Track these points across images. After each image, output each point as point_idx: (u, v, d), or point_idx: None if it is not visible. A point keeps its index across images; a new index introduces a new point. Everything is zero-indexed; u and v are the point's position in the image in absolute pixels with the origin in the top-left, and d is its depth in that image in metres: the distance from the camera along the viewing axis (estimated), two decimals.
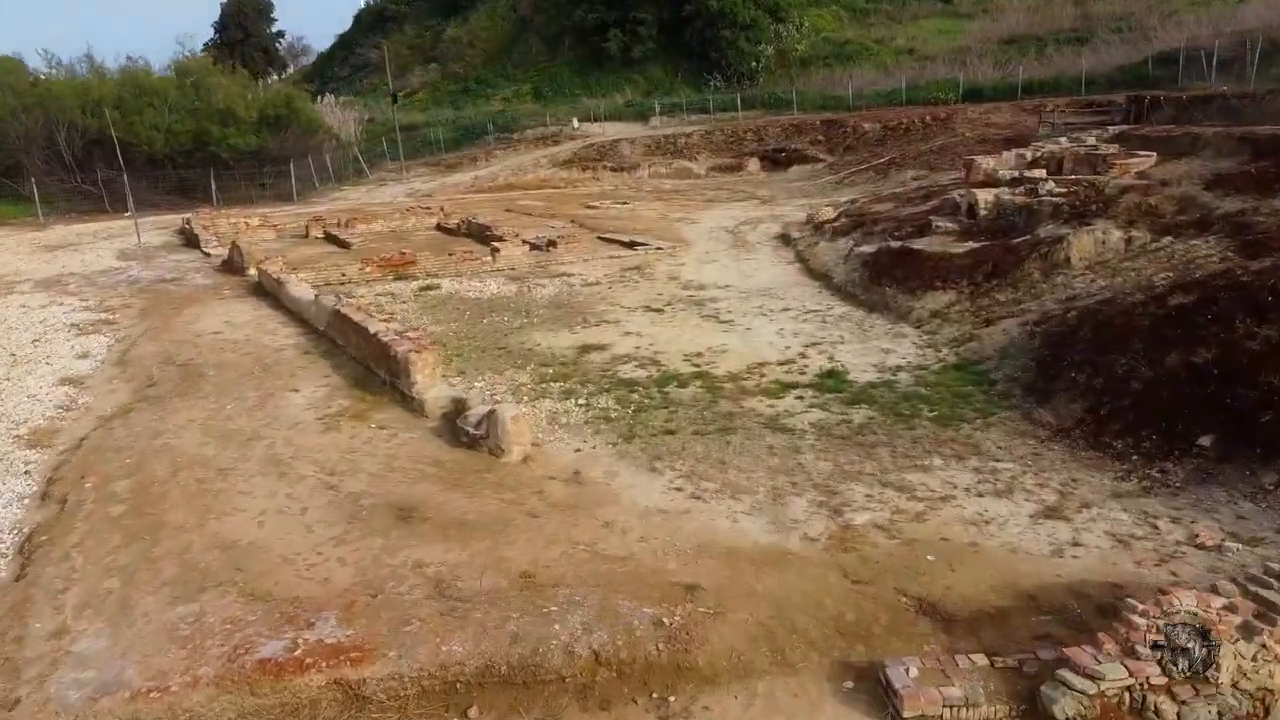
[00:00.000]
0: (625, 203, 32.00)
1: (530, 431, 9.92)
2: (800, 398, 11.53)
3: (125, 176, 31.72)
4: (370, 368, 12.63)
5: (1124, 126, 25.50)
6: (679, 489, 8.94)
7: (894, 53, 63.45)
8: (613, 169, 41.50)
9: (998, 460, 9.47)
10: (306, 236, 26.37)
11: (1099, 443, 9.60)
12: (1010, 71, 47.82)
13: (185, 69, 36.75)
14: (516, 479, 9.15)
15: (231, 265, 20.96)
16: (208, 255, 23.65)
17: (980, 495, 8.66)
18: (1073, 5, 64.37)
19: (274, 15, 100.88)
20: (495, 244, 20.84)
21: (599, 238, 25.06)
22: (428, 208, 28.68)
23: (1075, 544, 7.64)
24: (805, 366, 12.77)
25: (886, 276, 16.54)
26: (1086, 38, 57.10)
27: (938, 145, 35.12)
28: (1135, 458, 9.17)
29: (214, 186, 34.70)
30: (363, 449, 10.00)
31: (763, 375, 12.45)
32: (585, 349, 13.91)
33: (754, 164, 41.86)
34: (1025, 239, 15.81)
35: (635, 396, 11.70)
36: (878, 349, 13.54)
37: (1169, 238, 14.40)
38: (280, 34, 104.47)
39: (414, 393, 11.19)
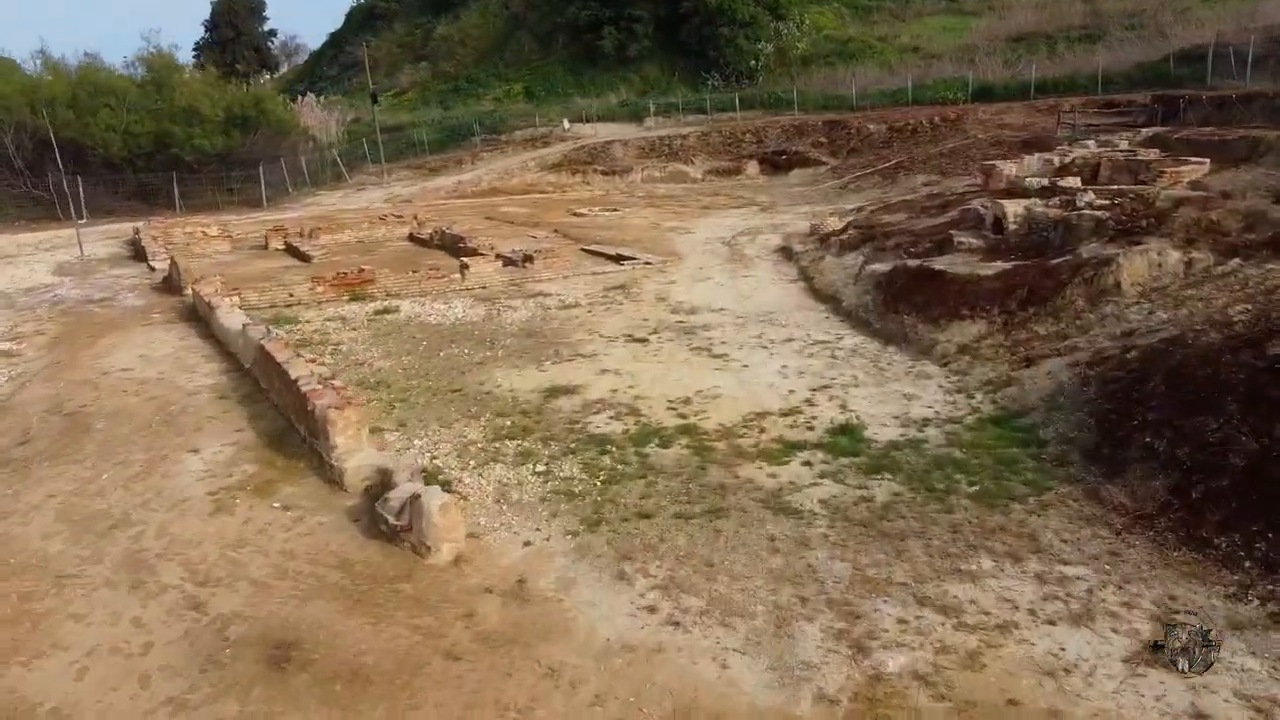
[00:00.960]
0: (615, 210, 29.88)
1: (466, 521, 7.78)
2: (808, 463, 9.39)
3: (79, 181, 29.62)
4: (292, 421, 10.49)
5: (1158, 129, 23.40)
6: (652, 608, 6.82)
7: (898, 51, 61.42)
8: (604, 172, 39.38)
9: (1065, 562, 7.35)
10: (266, 248, 24.26)
11: (1194, 537, 7.47)
12: (1021, 70, 45.72)
13: (150, 66, 34.62)
14: (441, 592, 7.02)
15: (170, 284, 18.83)
16: (152, 270, 21.52)
17: (1051, 622, 6.53)
18: (1082, 2, 62.29)
19: (265, 14, 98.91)
20: (466, 260, 18.70)
21: (583, 250, 22.97)
22: (400, 216, 26.56)
23: (1197, 717, 5.50)
24: (813, 418, 10.63)
25: (904, 301, 14.41)
26: (1098, 35, 55.11)
27: (949, 148, 33.01)
28: (1249, 564, 7.04)
29: (176, 191, 32.54)
30: (254, 541, 7.87)
31: (762, 430, 10.32)
32: (553, 392, 11.77)
33: (753, 167, 39.77)
34: (1065, 259, 13.68)
35: (606, 460, 9.56)
36: (898, 394, 11.40)
37: (1237, 260, 12.28)
38: (272, 33, 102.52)
39: (332, 459, 9.06)
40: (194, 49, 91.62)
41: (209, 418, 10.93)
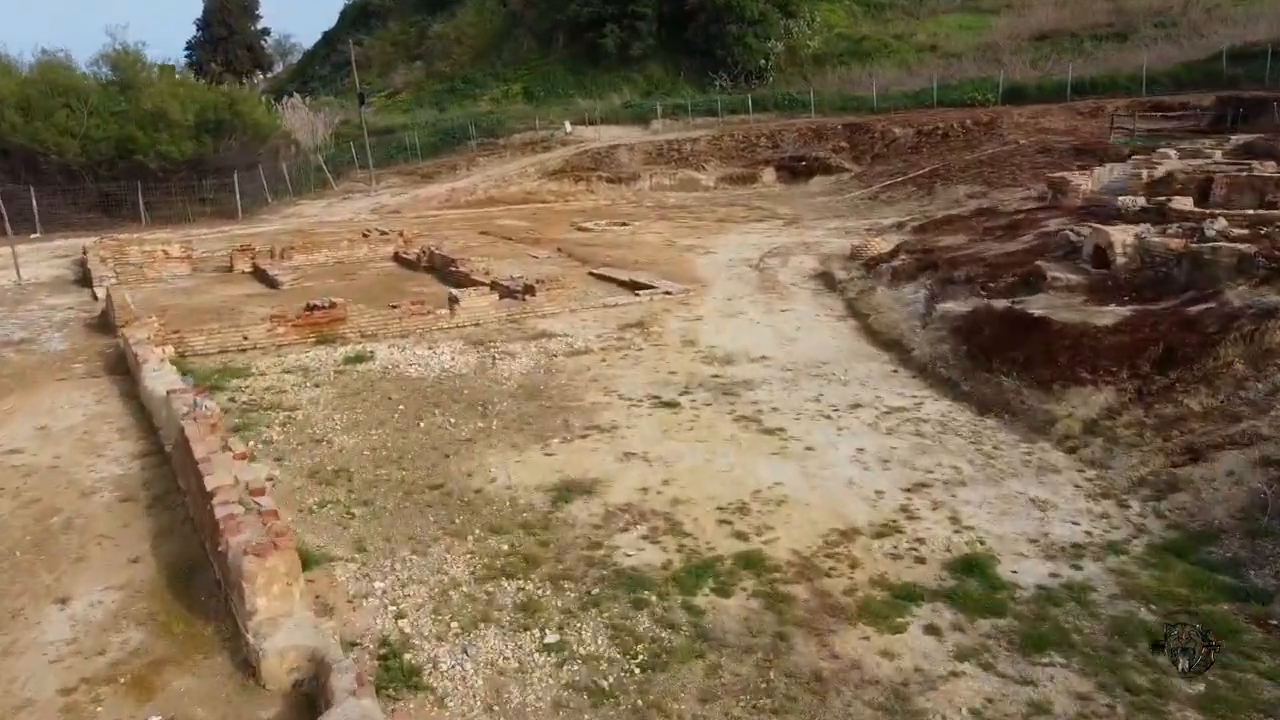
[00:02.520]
0: (624, 223, 27.04)
1: None
2: (933, 629, 6.57)
3: (32, 191, 26.77)
4: (207, 549, 7.64)
5: (1245, 135, 20.53)
6: None
7: (915, 50, 58.64)
8: (609, 180, 36.54)
9: None
10: (231, 270, 21.37)
11: None
12: (1052, 70, 42.94)
13: (115, 64, 31.72)
14: None
15: (107, 320, 15.96)
16: (95, 299, 18.65)
17: None
18: (1105, 0, 59.54)
19: (259, 12, 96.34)
20: (456, 292, 15.84)
21: (590, 273, 20.15)
22: (385, 233, 23.69)
23: None
24: (919, 540, 7.81)
25: (997, 356, 11.57)
26: (1127, 34, 52.44)
27: (987, 154, 30.18)
28: None
29: (142, 202, 29.63)
30: None
31: (854, 563, 7.48)
32: (564, 492, 8.93)
33: (769, 174, 36.97)
34: (1207, 306, 10.85)
35: (644, 621, 6.74)
36: (1023, 499, 8.56)
37: None
38: (265, 31, 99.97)
39: (248, 632, 6.20)
40: (186, 48, 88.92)
41: (99, 538, 8.06)
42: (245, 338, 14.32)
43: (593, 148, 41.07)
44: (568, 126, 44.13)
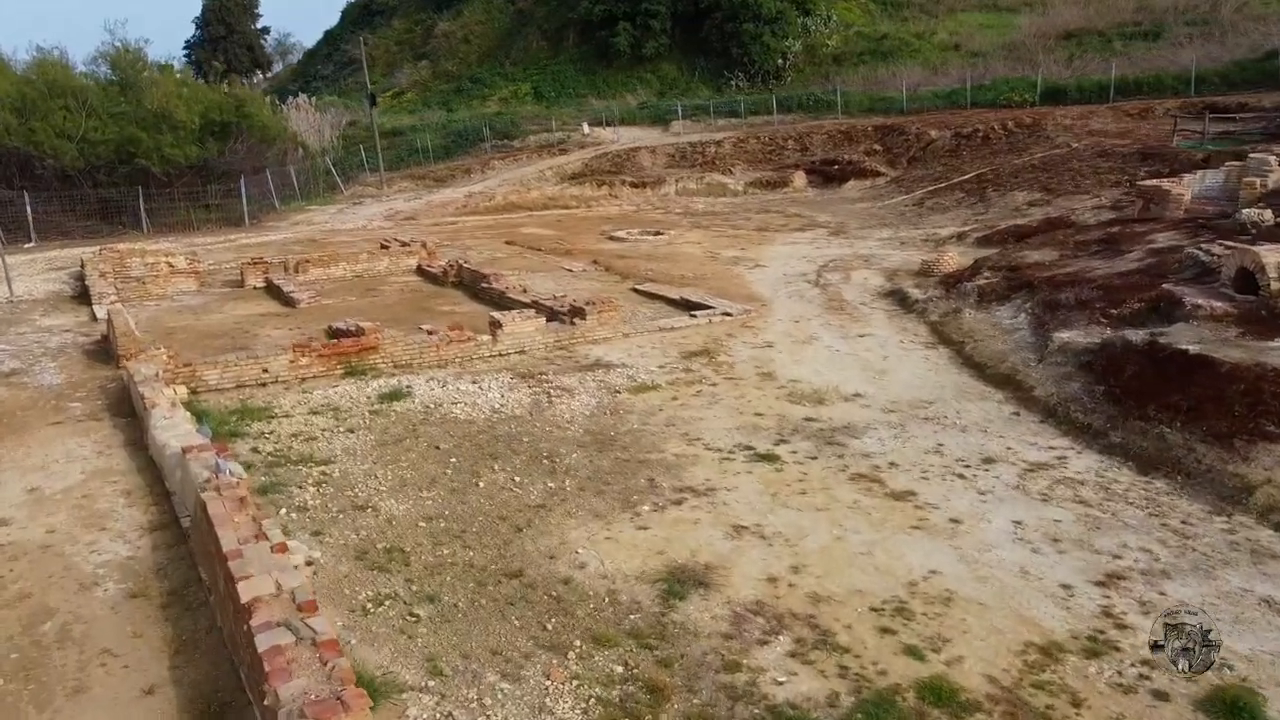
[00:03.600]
0: (659, 233, 25.37)
1: None
2: None
3: (26, 197, 25.08)
4: (241, 677, 5.97)
5: None
6: None
7: (938, 49, 57.04)
8: (633, 184, 34.85)
9: None
10: (242, 285, 19.68)
11: None
12: (1086, 69, 41.34)
13: (115, 63, 30.00)
14: None
15: (109, 346, 14.27)
16: (95, 320, 16.96)
17: None
18: None
19: (258, 10, 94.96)
20: (498, 316, 14.16)
21: (634, 290, 18.51)
22: (406, 244, 22.01)
23: None
24: (1146, 664, 6.14)
25: (1151, 401, 9.91)
26: (1159, 32, 50.91)
27: (1037, 158, 28.53)
28: None
29: (143, 209, 27.89)
30: None
31: (1075, 700, 5.83)
32: (674, 584, 7.26)
33: (799, 178, 35.29)
34: None
35: None
36: (1253, 601, 6.90)
37: None
38: (265, 30, 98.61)
39: None
40: (184, 47, 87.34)
41: (103, 655, 6.39)
42: (265, 371, 12.64)
43: (612, 150, 39.43)
44: (586, 128, 42.47)
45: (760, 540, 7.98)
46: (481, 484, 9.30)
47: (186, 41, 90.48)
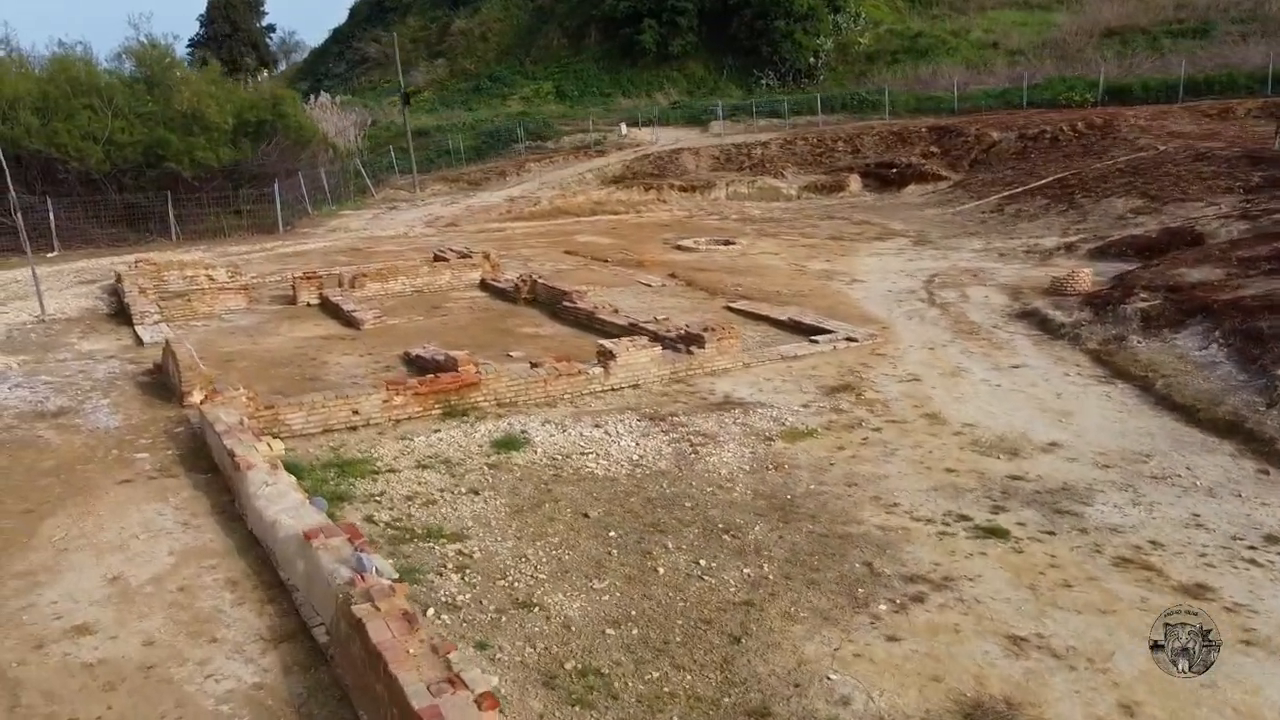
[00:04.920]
0: (728, 242, 23.68)
1: None
2: None
3: (49, 203, 23.36)
4: None
5: None
6: None
7: (975, 46, 55.43)
8: (681, 188, 33.15)
9: None
10: (294, 303, 17.96)
11: None
12: (1144, 68, 39.69)
13: (140, 60, 28.26)
14: None
15: (166, 378, 12.56)
16: (140, 342, 15.26)
17: None
18: None
19: (264, 9, 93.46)
20: (608, 345, 12.44)
21: (728, 308, 16.84)
22: (465, 254, 20.30)
23: None
24: None
25: None
26: (1206, 29, 49.36)
27: (1122, 162, 26.85)
28: None
29: (172, 215, 26.15)
30: None
31: None
32: None
33: (855, 182, 33.63)
34: None
35: None
36: None
37: None
38: (270, 28, 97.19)
39: None
40: (188, 45, 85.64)
41: None
42: (355, 413, 10.92)
43: (653, 152, 37.74)
44: (624, 129, 40.75)
45: (1055, 660, 6.27)
46: (660, 569, 7.59)
47: (190, 39, 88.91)
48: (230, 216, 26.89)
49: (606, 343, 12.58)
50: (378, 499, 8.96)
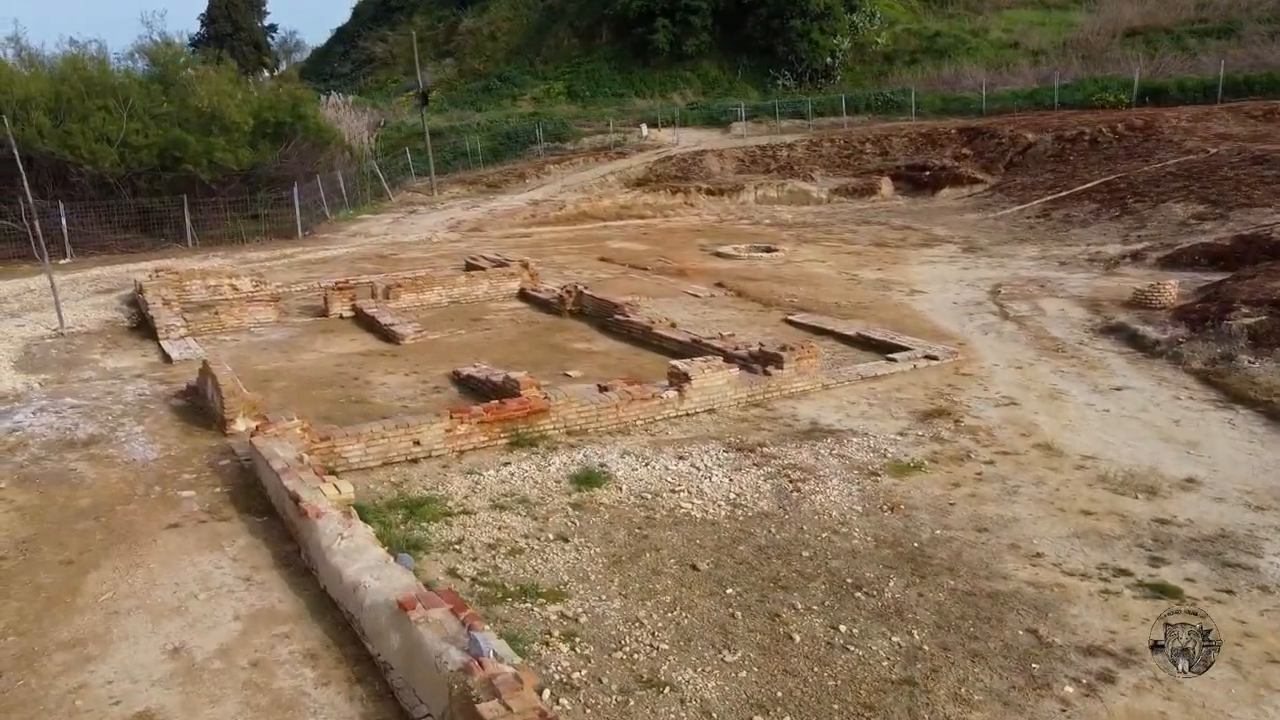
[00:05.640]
0: (770, 249, 22.75)
1: None
2: None
3: (61, 207, 22.41)
4: None
5: None
6: None
7: (995, 46, 54.55)
8: (709, 191, 32.22)
9: None
10: (326, 315, 17.02)
11: None
12: (1172, 68, 38.79)
13: (154, 59, 27.28)
14: None
15: (203, 401, 11.61)
16: (167, 359, 14.31)
17: None
18: None
19: (266, 8, 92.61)
20: (681, 366, 11.50)
21: (787, 321, 15.91)
22: (503, 263, 19.36)
23: None
24: None
25: None
26: (1229, 29, 48.55)
27: (1172, 165, 25.93)
28: None
29: (188, 220, 25.18)
30: None
31: None
32: None
33: (886, 185, 32.72)
34: None
35: None
36: None
37: None
38: (273, 28, 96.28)
39: None
40: (190, 44, 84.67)
41: None
42: (417, 443, 9.98)
43: (675, 154, 36.80)
44: (644, 130, 39.81)
45: None
46: (795, 636, 6.66)
47: (192, 39, 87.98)
48: (247, 222, 25.92)
49: (679, 364, 11.63)
50: (457, 548, 8.02)
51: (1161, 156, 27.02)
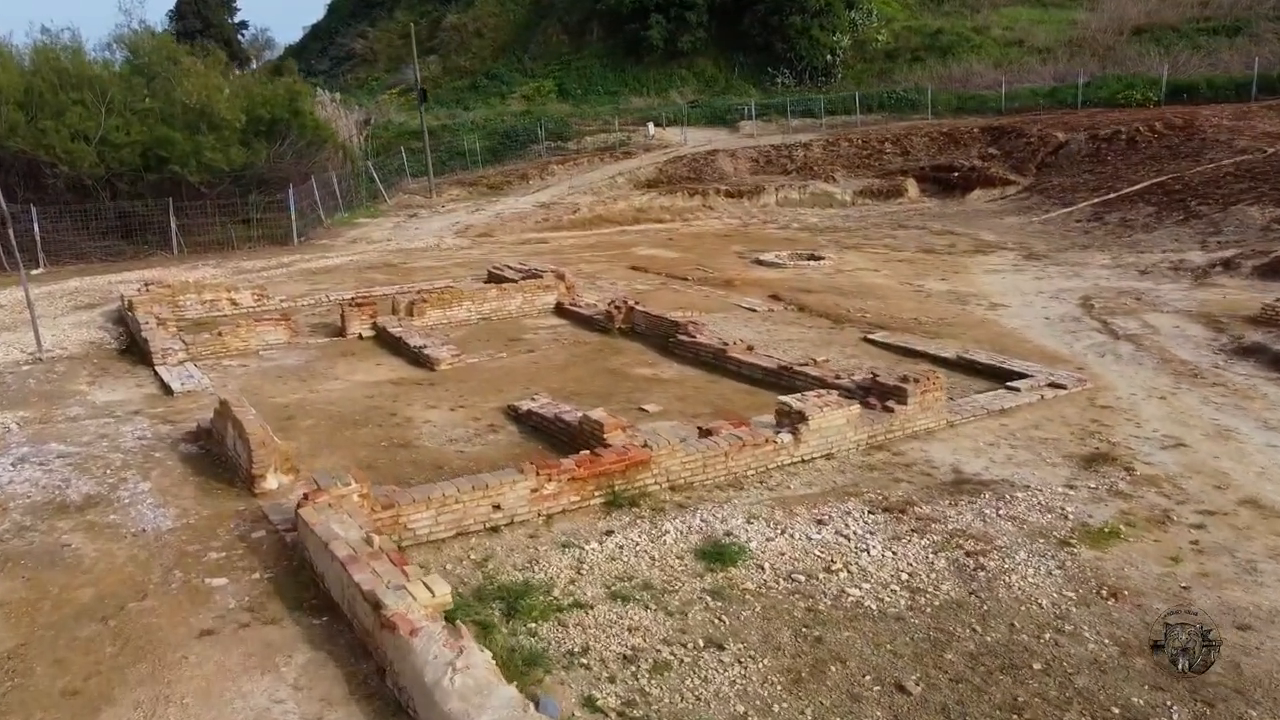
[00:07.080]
0: (814, 256, 21.00)
1: None
2: None
3: (34, 212, 20.26)
4: None
5: None
6: None
7: (999, 44, 53.26)
8: (728, 194, 30.43)
9: None
10: (343, 334, 15.04)
11: None
12: (1187, 67, 37.55)
13: (134, 49, 25.07)
14: None
15: (220, 448, 9.63)
16: (167, 390, 12.28)
17: None
18: None
19: (236, 4, 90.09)
20: (793, 404, 9.66)
21: (866, 340, 14.16)
22: (532, 273, 17.47)
23: None
24: None
25: None
26: (1238, 28, 47.56)
27: (1229, 166, 24.45)
28: None
29: (174, 226, 23.00)
30: None
31: None
32: None
33: (913, 187, 31.18)
34: None
35: None
36: None
37: None
38: (243, 25, 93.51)
39: None
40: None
41: None
42: (497, 508, 8.08)
43: (686, 154, 34.99)
44: (650, 129, 37.98)
45: None
46: None
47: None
48: (238, 227, 23.79)
49: (790, 399, 9.81)
50: (583, 661, 6.16)
51: (1213, 156, 25.59)
